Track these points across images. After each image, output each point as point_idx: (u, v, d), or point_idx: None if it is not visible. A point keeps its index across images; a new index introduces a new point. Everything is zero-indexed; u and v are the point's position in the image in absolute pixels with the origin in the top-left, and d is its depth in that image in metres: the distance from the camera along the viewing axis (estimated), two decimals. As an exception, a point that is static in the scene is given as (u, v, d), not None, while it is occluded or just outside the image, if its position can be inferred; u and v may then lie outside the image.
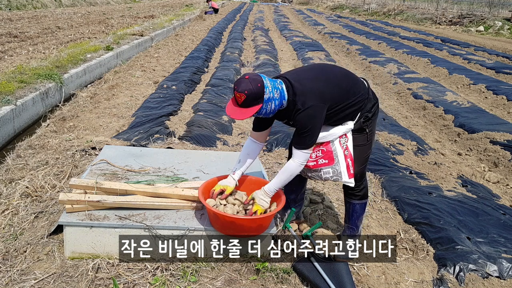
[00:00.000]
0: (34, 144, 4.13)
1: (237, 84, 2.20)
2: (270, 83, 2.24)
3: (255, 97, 2.18)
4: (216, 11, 23.27)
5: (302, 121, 2.26)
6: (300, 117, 2.26)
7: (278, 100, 2.26)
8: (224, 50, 10.91)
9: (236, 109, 2.23)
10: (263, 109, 2.24)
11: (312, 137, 2.29)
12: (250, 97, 2.17)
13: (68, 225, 2.40)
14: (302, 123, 2.27)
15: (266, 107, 2.24)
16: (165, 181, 2.88)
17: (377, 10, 27.49)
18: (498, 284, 2.51)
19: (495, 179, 4.08)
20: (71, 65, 7.58)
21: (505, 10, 20.56)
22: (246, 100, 2.18)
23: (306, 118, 2.25)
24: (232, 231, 2.42)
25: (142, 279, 2.29)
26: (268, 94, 2.21)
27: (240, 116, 2.21)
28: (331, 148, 2.42)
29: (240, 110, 2.22)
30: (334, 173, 2.43)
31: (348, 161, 2.42)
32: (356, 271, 2.56)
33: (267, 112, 2.28)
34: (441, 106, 6.18)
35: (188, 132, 4.55)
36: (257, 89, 2.17)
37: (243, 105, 2.20)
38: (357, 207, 2.63)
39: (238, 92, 2.17)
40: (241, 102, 2.19)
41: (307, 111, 2.24)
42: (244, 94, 2.16)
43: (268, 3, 43.88)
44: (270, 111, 2.28)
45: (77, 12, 20.72)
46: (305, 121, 2.25)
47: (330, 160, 2.42)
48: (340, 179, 2.44)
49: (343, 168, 2.42)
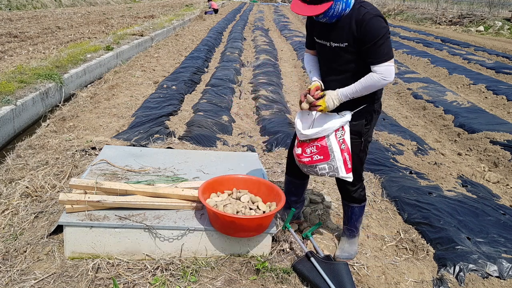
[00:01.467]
0: (34, 144, 4.13)
1: None
2: None
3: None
4: (216, 11, 23.27)
5: (374, 27, 2.09)
6: (372, 22, 2.09)
7: (345, 3, 2.13)
8: (224, 50, 10.91)
9: (304, 5, 2.10)
10: (332, 8, 2.10)
11: (390, 45, 2.13)
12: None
13: (68, 225, 2.40)
14: (375, 32, 2.09)
15: (335, 7, 2.10)
16: (165, 181, 2.88)
17: (377, 10, 27.45)
18: (498, 284, 2.51)
19: (495, 179, 4.08)
20: (71, 65, 7.58)
21: (505, 10, 20.58)
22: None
23: (379, 24, 2.09)
24: (232, 231, 2.42)
25: (142, 279, 2.29)
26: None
27: (310, 11, 2.08)
28: (326, 144, 2.30)
29: (309, 7, 2.09)
30: (330, 169, 2.34)
31: (345, 155, 2.33)
32: (356, 271, 2.56)
33: (334, 14, 2.13)
34: (441, 106, 6.19)
35: (188, 132, 4.55)
36: None
37: (314, 2, 2.07)
38: (356, 210, 2.62)
39: None
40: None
41: (379, 18, 2.10)
42: None
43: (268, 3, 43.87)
44: (337, 13, 2.14)
45: (77, 12, 20.72)
46: (378, 28, 2.09)
47: (326, 156, 2.32)
48: (337, 174, 2.35)
49: (339, 163, 2.32)
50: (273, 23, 20.60)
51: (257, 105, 6.07)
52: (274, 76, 7.94)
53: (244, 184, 2.74)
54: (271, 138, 4.64)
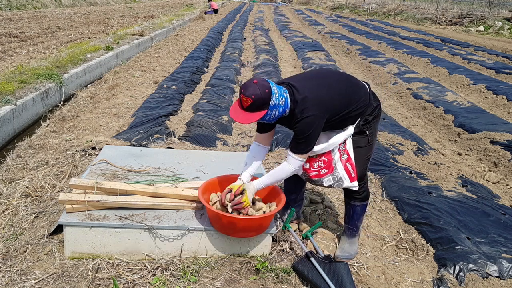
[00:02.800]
0: (34, 144, 4.13)
1: (244, 88, 2.18)
2: (277, 90, 2.22)
3: (262, 102, 2.16)
4: (216, 12, 23.27)
5: (300, 129, 2.26)
6: (298, 125, 2.26)
7: (282, 108, 2.25)
8: (224, 50, 10.91)
9: (240, 112, 2.21)
10: (267, 115, 2.22)
11: (307, 145, 2.29)
12: (256, 102, 2.15)
13: (68, 225, 2.40)
14: (299, 131, 2.26)
15: (270, 113, 2.23)
16: (165, 181, 2.88)
17: (377, 10, 27.49)
18: (498, 284, 2.51)
19: (495, 179, 4.08)
20: (71, 65, 7.58)
21: (505, 10, 20.58)
22: (252, 104, 2.15)
23: (304, 126, 2.25)
24: (232, 231, 2.41)
25: (142, 279, 2.29)
26: (274, 100, 2.19)
27: (244, 120, 2.20)
28: (332, 157, 2.43)
29: (244, 114, 2.20)
30: (335, 179, 2.45)
31: (347, 165, 2.43)
32: (356, 271, 2.56)
33: (270, 118, 2.27)
34: (441, 106, 6.18)
35: (188, 132, 4.55)
36: (264, 95, 2.15)
37: (249, 110, 2.18)
38: (357, 209, 2.63)
39: (245, 96, 2.15)
40: (247, 106, 2.17)
41: (306, 120, 2.23)
42: (251, 98, 2.13)
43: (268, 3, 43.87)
44: (274, 117, 2.27)
45: (77, 12, 20.72)
46: (302, 129, 2.25)
47: (330, 168, 2.43)
48: (342, 184, 2.45)
49: (342, 173, 2.43)
50: (273, 23, 20.60)
51: (257, 105, 6.06)
52: (274, 76, 7.94)
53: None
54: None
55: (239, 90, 2.22)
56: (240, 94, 2.19)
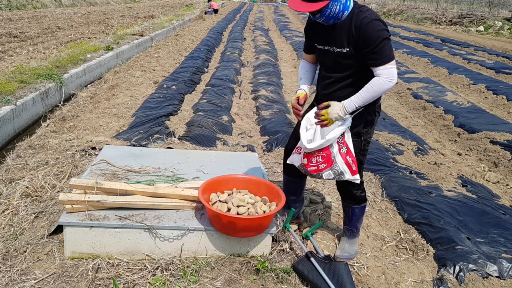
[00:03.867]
0: (34, 144, 4.13)
1: None
2: None
3: None
4: (216, 12, 23.26)
5: (374, 30, 2.09)
6: (370, 25, 2.09)
7: (343, 5, 2.12)
8: (224, 50, 10.91)
9: (300, 2, 2.09)
10: (328, 8, 2.09)
11: (390, 49, 2.11)
12: None
13: (68, 225, 2.40)
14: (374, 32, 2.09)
15: (332, 6, 2.09)
16: (165, 181, 2.88)
17: (377, 10, 27.48)
18: (498, 284, 2.51)
19: (495, 179, 4.08)
20: (71, 65, 7.58)
21: (505, 10, 20.58)
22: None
23: (378, 27, 2.09)
24: (232, 231, 2.41)
25: (142, 279, 2.29)
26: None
27: (305, 8, 2.07)
28: (330, 151, 2.36)
29: (305, 4, 2.08)
30: (335, 173, 2.38)
31: (347, 158, 2.36)
32: (356, 271, 2.56)
33: (329, 14, 2.13)
34: (441, 106, 6.18)
35: (188, 132, 4.55)
36: None
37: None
38: (356, 211, 2.61)
39: None
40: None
41: (377, 22, 2.10)
42: None
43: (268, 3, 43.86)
44: (333, 15, 2.13)
45: (77, 12, 20.72)
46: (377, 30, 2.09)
47: (329, 163, 2.36)
48: (343, 177, 2.38)
49: (342, 167, 2.36)
50: (273, 23, 20.60)
51: (257, 105, 6.07)
52: (274, 76, 7.94)
53: (244, 184, 2.74)
54: (271, 138, 4.64)
55: None
56: None
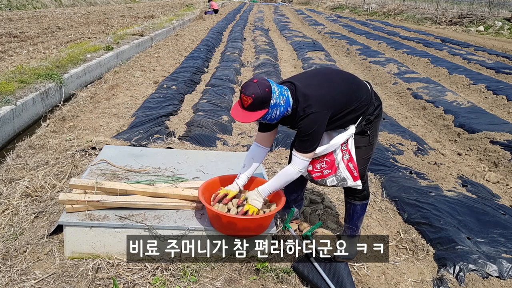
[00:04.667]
0: (34, 144, 4.13)
1: (244, 87, 2.19)
2: (277, 89, 2.23)
3: (262, 101, 2.16)
4: (216, 12, 23.27)
5: (303, 127, 2.26)
6: (302, 123, 2.26)
7: (284, 107, 2.25)
8: (224, 50, 10.91)
9: (241, 111, 2.22)
10: (268, 114, 2.23)
11: (312, 143, 2.28)
12: (256, 101, 2.16)
13: (68, 225, 2.40)
14: (303, 129, 2.26)
15: (271, 113, 2.23)
16: (165, 181, 2.88)
17: (377, 10, 27.49)
18: (498, 284, 2.51)
19: (495, 179, 4.08)
20: (71, 65, 7.58)
21: (505, 10, 20.56)
22: (252, 103, 2.16)
23: (308, 124, 2.24)
24: (232, 231, 2.41)
25: (142, 279, 2.29)
26: (275, 99, 2.20)
27: (245, 119, 2.21)
28: (334, 157, 2.43)
29: (245, 113, 2.21)
30: (338, 180, 2.46)
31: (349, 165, 2.43)
32: (356, 271, 2.56)
33: (271, 118, 2.27)
34: (441, 106, 6.18)
35: (188, 132, 4.55)
36: (264, 94, 2.16)
37: (249, 109, 2.19)
38: (358, 208, 2.63)
39: (245, 95, 2.16)
40: (247, 106, 2.18)
41: (309, 117, 2.23)
42: (251, 97, 2.14)
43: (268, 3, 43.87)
44: (275, 117, 2.27)
45: (77, 12, 20.71)
46: (306, 127, 2.25)
47: (333, 169, 2.44)
48: (346, 183, 2.46)
49: (345, 173, 2.43)
50: (273, 23, 20.60)
51: (257, 105, 6.06)
52: (274, 76, 7.94)
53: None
54: (271, 138, 4.64)
55: (240, 89, 2.23)
56: (241, 94, 2.20)
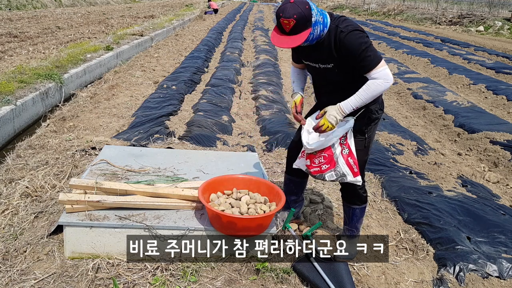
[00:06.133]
0: (34, 144, 4.13)
1: (283, 10, 2.03)
2: (313, 5, 2.11)
3: (305, 20, 2.02)
4: (216, 11, 23.28)
5: (353, 42, 2.09)
6: (347, 39, 2.09)
7: (322, 25, 2.12)
8: (224, 50, 10.91)
9: (285, 37, 2.08)
10: (311, 34, 2.09)
11: (375, 52, 2.10)
12: (300, 22, 2.02)
13: (68, 225, 2.40)
14: (354, 43, 2.09)
15: (313, 32, 2.09)
16: (165, 181, 2.88)
17: (377, 10, 27.49)
18: (498, 284, 2.51)
19: (495, 179, 4.08)
20: (71, 65, 7.58)
21: (505, 10, 20.56)
22: (296, 25, 2.02)
23: (355, 37, 2.09)
24: (232, 230, 2.41)
25: (142, 279, 2.29)
26: (315, 16, 2.07)
27: (290, 44, 2.06)
28: (332, 152, 2.38)
29: (288, 38, 2.07)
30: (337, 175, 2.40)
31: (349, 160, 2.38)
32: (356, 271, 2.56)
33: (313, 38, 2.12)
34: (441, 106, 6.18)
35: (188, 132, 4.55)
36: (306, 12, 2.02)
37: (293, 32, 2.05)
38: (357, 211, 2.62)
39: (286, 18, 2.01)
40: (290, 28, 2.04)
41: (354, 32, 2.09)
42: (293, 19, 2.00)
43: (268, 3, 43.87)
44: (315, 37, 2.13)
45: (77, 12, 20.71)
46: (358, 39, 2.09)
47: (332, 163, 2.38)
48: (345, 179, 2.41)
49: (345, 169, 2.38)
50: (273, 23, 20.60)
51: (257, 105, 6.07)
52: (274, 76, 7.94)
53: (244, 184, 2.74)
54: (271, 138, 4.64)
55: (276, 15, 2.09)
56: (280, 18, 2.06)
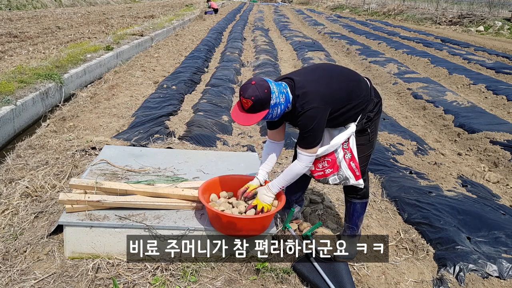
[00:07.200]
0: (34, 144, 4.13)
1: (243, 90, 2.18)
2: (276, 88, 2.22)
3: (262, 103, 2.16)
4: (216, 11, 23.28)
5: (303, 123, 2.26)
6: (301, 118, 2.25)
7: (284, 105, 2.25)
8: (224, 50, 10.91)
9: (242, 114, 2.22)
10: (269, 114, 2.22)
11: (314, 138, 2.28)
12: (257, 103, 2.15)
13: (68, 225, 2.40)
14: (303, 125, 2.26)
15: (272, 112, 2.23)
16: (165, 181, 2.88)
17: (377, 10, 27.49)
18: (498, 284, 2.51)
19: (495, 179, 4.08)
20: (71, 65, 7.58)
21: (505, 10, 20.56)
22: (252, 106, 2.15)
23: (307, 119, 2.24)
24: (232, 231, 2.41)
25: (142, 279, 2.29)
26: (275, 99, 2.19)
27: (246, 122, 2.20)
28: (335, 157, 2.45)
29: (246, 116, 2.20)
30: (341, 178, 2.47)
31: (351, 164, 2.44)
32: (356, 271, 2.56)
33: (273, 117, 2.27)
34: (441, 106, 6.18)
35: (188, 132, 4.55)
36: (264, 95, 2.15)
37: (250, 111, 2.18)
38: (357, 207, 2.64)
39: (245, 98, 2.15)
40: (248, 108, 2.17)
41: (307, 113, 2.23)
42: (251, 100, 2.14)
43: (268, 3, 43.87)
44: (276, 115, 2.27)
45: (77, 12, 20.71)
46: (306, 122, 2.25)
47: (335, 168, 2.45)
48: (348, 182, 2.48)
49: (348, 173, 2.45)
50: (273, 23, 20.60)
51: (257, 105, 6.06)
52: (274, 76, 7.94)
53: (244, 184, 2.74)
54: (271, 138, 4.64)
55: (239, 92, 2.22)
56: (240, 97, 2.18)
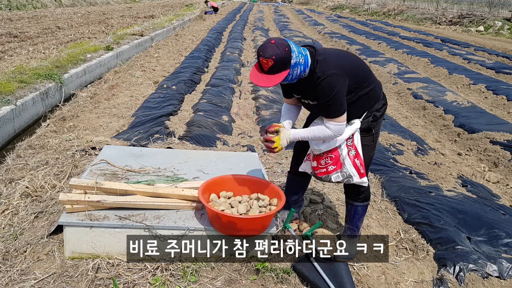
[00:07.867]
0: (34, 144, 4.13)
1: (262, 50, 2.10)
2: (295, 47, 2.16)
3: (283, 62, 2.08)
4: (216, 10, 23.28)
5: (324, 89, 2.17)
6: (322, 84, 2.17)
7: (303, 66, 2.17)
8: (224, 50, 10.91)
9: (262, 76, 2.13)
10: (290, 75, 2.15)
11: (339, 105, 2.20)
12: (278, 63, 2.07)
13: (68, 225, 2.40)
14: (324, 92, 2.18)
15: (292, 73, 2.15)
16: (165, 181, 2.88)
17: (377, 10, 27.49)
18: (498, 284, 2.51)
19: (495, 179, 4.08)
20: (71, 65, 7.58)
21: (505, 10, 20.56)
22: (273, 66, 2.08)
23: (328, 86, 2.16)
24: (232, 230, 2.41)
25: (142, 279, 2.29)
26: (295, 58, 2.12)
27: (267, 83, 2.12)
28: (339, 153, 2.41)
29: (266, 77, 2.13)
30: (344, 176, 2.44)
31: (355, 161, 2.41)
32: (356, 271, 2.56)
33: (292, 78, 2.19)
34: (441, 106, 6.18)
35: (188, 132, 4.55)
36: (285, 53, 2.08)
37: (270, 72, 2.11)
38: (359, 209, 2.63)
39: (265, 58, 2.07)
40: (268, 68, 2.09)
41: (329, 79, 2.16)
42: (272, 59, 2.06)
43: (268, 3, 43.88)
44: (295, 77, 2.20)
45: (77, 12, 20.71)
46: (327, 89, 2.16)
47: (338, 165, 2.42)
48: (351, 180, 2.45)
49: (352, 170, 2.42)
50: (273, 23, 20.60)
51: (257, 105, 6.07)
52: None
53: (244, 184, 2.74)
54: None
55: (257, 53, 2.15)
56: (259, 57, 2.11)
